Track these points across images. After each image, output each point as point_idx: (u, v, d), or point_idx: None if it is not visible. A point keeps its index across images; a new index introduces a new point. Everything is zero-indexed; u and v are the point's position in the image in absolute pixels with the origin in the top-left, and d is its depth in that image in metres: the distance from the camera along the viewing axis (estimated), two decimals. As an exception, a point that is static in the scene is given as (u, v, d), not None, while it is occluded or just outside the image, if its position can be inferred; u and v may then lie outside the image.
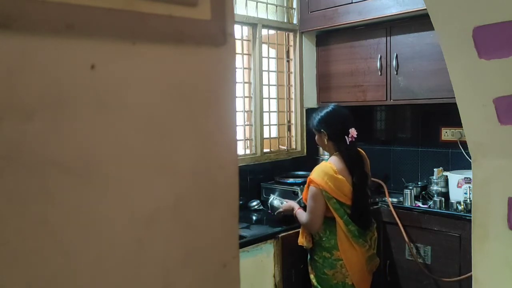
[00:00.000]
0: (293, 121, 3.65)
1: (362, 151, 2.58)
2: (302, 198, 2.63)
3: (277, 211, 2.79)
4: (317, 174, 2.38)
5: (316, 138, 2.53)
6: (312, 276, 2.52)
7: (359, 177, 2.41)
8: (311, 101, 3.65)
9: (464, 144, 2.94)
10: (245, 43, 3.32)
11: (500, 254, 1.44)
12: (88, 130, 0.47)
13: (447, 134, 3.23)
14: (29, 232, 0.44)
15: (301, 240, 2.53)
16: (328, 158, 2.52)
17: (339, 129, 2.40)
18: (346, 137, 2.39)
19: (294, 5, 3.58)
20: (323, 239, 2.44)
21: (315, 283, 2.49)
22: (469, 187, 2.75)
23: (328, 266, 2.42)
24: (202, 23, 0.55)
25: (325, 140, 2.44)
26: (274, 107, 3.53)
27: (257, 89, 3.30)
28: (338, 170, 2.37)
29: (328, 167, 2.37)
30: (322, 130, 2.44)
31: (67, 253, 0.46)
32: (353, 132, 2.39)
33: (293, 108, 3.64)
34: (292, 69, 3.62)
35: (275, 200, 2.88)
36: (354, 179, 2.39)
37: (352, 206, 2.39)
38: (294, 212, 2.60)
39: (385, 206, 2.99)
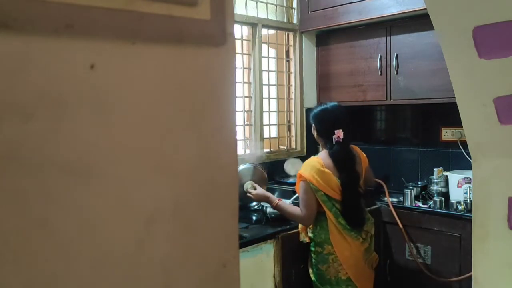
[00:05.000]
0: (293, 121, 3.65)
1: (358, 150, 2.58)
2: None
3: (247, 192, 2.60)
4: (304, 168, 2.42)
5: (312, 130, 2.59)
6: (310, 272, 2.55)
7: (348, 176, 2.42)
8: (311, 101, 3.64)
9: (464, 144, 2.94)
10: (245, 43, 3.32)
11: (500, 254, 1.44)
12: (88, 130, 0.47)
13: (447, 134, 3.23)
14: (29, 232, 0.43)
15: (301, 236, 2.56)
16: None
17: (326, 128, 2.45)
18: (332, 136, 2.42)
19: (294, 5, 3.58)
20: (315, 234, 2.46)
21: (313, 278, 2.53)
22: (469, 187, 2.74)
23: (321, 261, 2.45)
24: (202, 23, 0.55)
25: (315, 135, 2.54)
26: (274, 107, 3.53)
27: (257, 89, 3.30)
28: (325, 164, 2.40)
29: (315, 161, 2.42)
30: (313, 125, 2.54)
31: (67, 253, 0.46)
32: (338, 133, 2.40)
33: (293, 108, 3.64)
34: (292, 69, 3.61)
35: (248, 184, 2.65)
36: (343, 178, 2.40)
37: (342, 204, 2.41)
38: (275, 204, 2.50)
39: (385, 206, 2.98)
